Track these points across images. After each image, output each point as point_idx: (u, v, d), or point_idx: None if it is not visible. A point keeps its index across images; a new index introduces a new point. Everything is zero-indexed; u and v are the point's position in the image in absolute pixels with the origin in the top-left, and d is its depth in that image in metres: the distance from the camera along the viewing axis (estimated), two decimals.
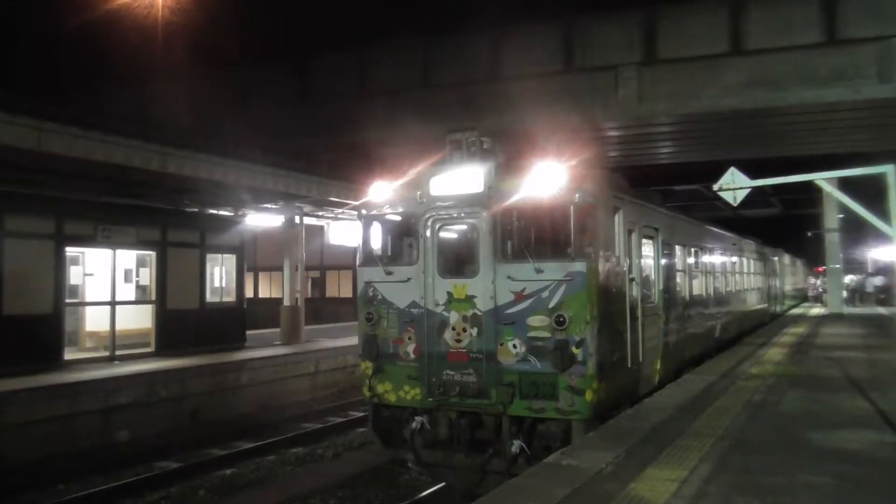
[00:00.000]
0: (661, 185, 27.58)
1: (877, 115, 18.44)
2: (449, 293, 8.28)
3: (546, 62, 19.42)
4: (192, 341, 16.37)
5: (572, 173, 7.87)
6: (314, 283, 37.84)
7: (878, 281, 40.07)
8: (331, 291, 38.76)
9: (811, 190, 25.79)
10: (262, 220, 20.37)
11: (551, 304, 7.68)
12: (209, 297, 17.87)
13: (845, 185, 13.80)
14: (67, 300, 14.78)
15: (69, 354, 14.59)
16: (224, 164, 15.78)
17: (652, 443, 6.69)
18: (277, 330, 20.56)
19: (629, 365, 8.81)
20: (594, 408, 7.68)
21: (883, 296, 37.89)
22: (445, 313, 8.28)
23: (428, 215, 8.50)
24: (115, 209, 15.72)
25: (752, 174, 9.98)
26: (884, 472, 5.73)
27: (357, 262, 9.46)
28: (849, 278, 40.95)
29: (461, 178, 8.37)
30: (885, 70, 16.37)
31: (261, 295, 37.94)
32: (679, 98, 18.30)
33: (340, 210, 20.27)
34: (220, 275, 18.54)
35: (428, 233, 8.49)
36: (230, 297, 18.62)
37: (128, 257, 16.66)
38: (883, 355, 13.98)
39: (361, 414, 14.00)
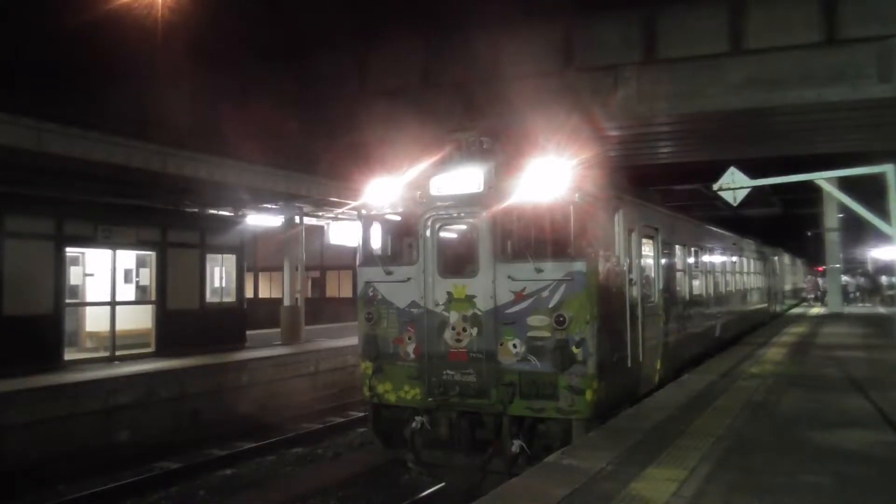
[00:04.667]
0: (661, 185, 27.54)
1: (876, 115, 18.40)
2: (449, 293, 8.28)
3: (546, 62, 19.37)
4: (192, 342, 16.35)
5: (572, 173, 7.87)
6: (314, 283, 37.82)
7: None
8: (331, 291, 38.75)
9: (811, 190, 25.72)
10: (262, 220, 20.36)
11: (551, 304, 7.69)
12: (209, 298, 17.85)
13: (845, 184, 13.78)
14: (67, 300, 14.78)
15: (69, 355, 14.58)
16: (224, 164, 15.79)
17: (652, 442, 6.70)
18: (277, 330, 20.55)
19: (629, 364, 8.82)
20: (594, 407, 7.68)
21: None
22: (445, 313, 8.28)
23: (428, 215, 8.50)
24: (115, 209, 15.71)
25: (752, 174, 10.00)
26: (884, 471, 5.74)
27: (357, 262, 9.46)
28: (844, 279, 41.05)
29: (461, 178, 8.37)
30: (885, 70, 16.33)
31: (261, 295, 37.94)
32: (679, 98, 18.26)
33: (340, 210, 20.25)
34: (220, 275, 18.52)
35: (428, 233, 8.49)
36: (230, 298, 18.60)
37: (128, 258, 16.65)
38: (882, 355, 13.98)
39: (361, 414, 14.00)
